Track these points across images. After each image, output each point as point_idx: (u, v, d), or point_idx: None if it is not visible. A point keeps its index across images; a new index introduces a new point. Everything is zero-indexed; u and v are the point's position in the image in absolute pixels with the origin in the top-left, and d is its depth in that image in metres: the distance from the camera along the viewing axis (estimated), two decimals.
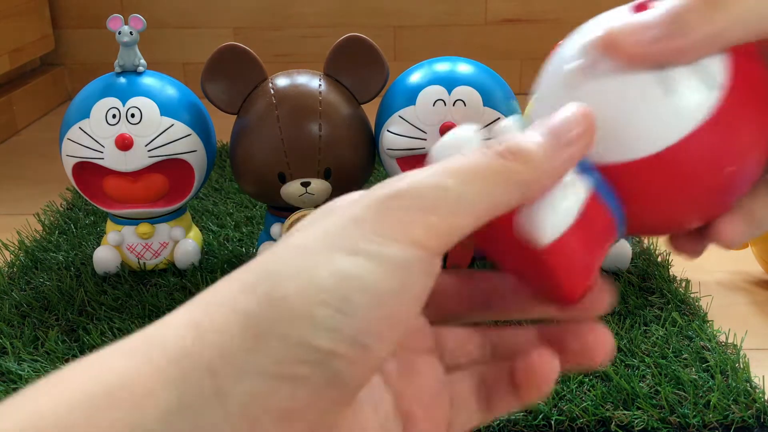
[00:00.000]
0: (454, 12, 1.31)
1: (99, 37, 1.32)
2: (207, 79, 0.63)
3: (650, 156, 0.22)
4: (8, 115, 1.15)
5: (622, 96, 0.23)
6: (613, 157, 0.23)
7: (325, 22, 1.32)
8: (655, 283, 0.64)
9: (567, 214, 0.22)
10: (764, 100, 0.23)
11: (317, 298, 0.19)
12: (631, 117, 0.23)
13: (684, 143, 0.22)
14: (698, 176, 0.23)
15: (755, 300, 0.65)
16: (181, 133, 0.63)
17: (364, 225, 0.20)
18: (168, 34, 1.32)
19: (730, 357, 0.53)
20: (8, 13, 1.14)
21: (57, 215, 0.81)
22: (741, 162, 0.23)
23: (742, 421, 0.47)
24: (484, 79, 0.62)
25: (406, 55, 1.32)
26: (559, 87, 0.24)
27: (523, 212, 0.22)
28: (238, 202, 0.84)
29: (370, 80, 0.63)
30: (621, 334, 0.56)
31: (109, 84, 0.64)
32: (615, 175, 0.23)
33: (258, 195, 0.65)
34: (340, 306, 0.19)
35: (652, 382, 0.50)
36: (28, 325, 0.60)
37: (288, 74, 0.63)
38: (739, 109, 0.23)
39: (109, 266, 0.67)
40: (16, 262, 0.71)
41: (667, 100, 0.22)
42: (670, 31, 0.22)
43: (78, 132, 0.63)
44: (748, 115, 0.23)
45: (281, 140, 0.60)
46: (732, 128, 0.23)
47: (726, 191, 0.24)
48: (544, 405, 0.48)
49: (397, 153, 0.63)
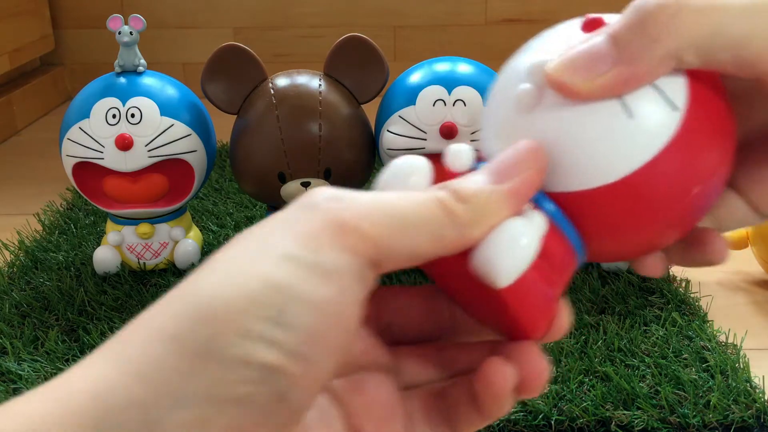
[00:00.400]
0: (454, 12, 1.31)
1: (99, 37, 1.32)
2: (207, 79, 0.63)
3: (611, 184, 0.22)
4: (8, 115, 1.14)
5: (578, 124, 0.22)
6: (572, 185, 0.22)
7: (325, 22, 1.32)
8: (655, 283, 0.64)
9: (525, 253, 0.21)
10: (724, 117, 0.23)
11: (251, 312, 0.18)
12: (589, 145, 0.22)
13: (646, 169, 0.21)
14: (662, 201, 0.22)
15: (755, 300, 0.65)
16: (181, 133, 0.63)
17: (296, 230, 0.19)
18: (168, 34, 1.32)
19: (730, 357, 0.53)
20: (8, 13, 1.14)
21: (57, 215, 0.81)
22: (705, 183, 0.22)
23: (742, 421, 0.47)
24: (485, 79, 0.62)
25: (406, 55, 1.32)
26: (511, 110, 0.23)
27: (477, 252, 0.21)
28: (238, 202, 0.84)
29: (370, 80, 0.63)
30: (621, 334, 0.56)
31: (109, 84, 0.64)
32: (574, 203, 0.22)
33: (258, 195, 0.65)
34: (276, 318, 0.18)
35: (652, 382, 0.50)
36: (28, 325, 0.60)
37: (288, 74, 0.63)
38: (701, 129, 0.22)
39: (109, 266, 0.67)
40: (16, 262, 0.71)
41: (626, 126, 0.21)
42: (618, 61, 0.21)
43: (78, 132, 0.63)
44: (709, 135, 0.22)
45: (281, 140, 0.60)
46: (695, 150, 0.22)
47: (691, 213, 0.23)
48: (544, 405, 0.48)
49: (397, 153, 0.63)
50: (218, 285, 0.18)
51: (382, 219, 0.20)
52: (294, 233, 0.19)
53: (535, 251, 0.21)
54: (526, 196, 0.22)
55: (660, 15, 0.21)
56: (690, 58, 0.21)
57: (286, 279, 0.18)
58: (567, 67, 0.22)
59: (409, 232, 0.20)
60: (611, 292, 0.62)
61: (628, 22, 0.21)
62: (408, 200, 0.20)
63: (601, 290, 0.62)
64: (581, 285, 0.63)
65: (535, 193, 0.22)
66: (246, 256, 0.19)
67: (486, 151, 0.24)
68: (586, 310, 0.60)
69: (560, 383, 0.50)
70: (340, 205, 0.20)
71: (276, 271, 0.18)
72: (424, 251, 0.20)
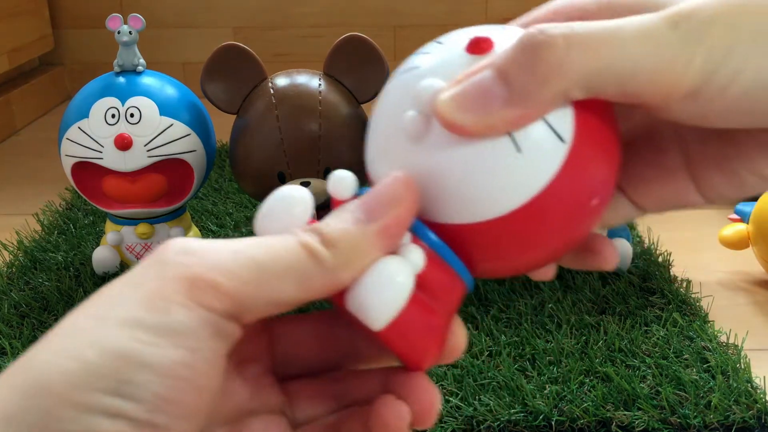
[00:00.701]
0: (454, 12, 1.31)
1: (98, 36, 1.32)
2: (206, 78, 0.62)
3: (499, 217, 0.22)
4: (7, 115, 1.14)
5: (466, 159, 0.21)
6: (459, 218, 0.22)
7: (325, 22, 1.31)
8: (656, 283, 0.64)
9: (399, 292, 0.21)
10: (611, 139, 0.23)
11: (89, 384, 0.17)
12: (477, 179, 0.21)
13: (535, 201, 0.21)
14: (552, 228, 0.22)
15: (756, 300, 0.64)
16: (181, 133, 0.63)
17: (143, 291, 0.18)
18: (168, 33, 1.32)
19: (731, 357, 0.53)
20: (7, 13, 1.14)
21: (56, 215, 0.81)
22: (595, 204, 0.22)
23: (742, 422, 0.47)
24: None
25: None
26: (397, 137, 0.23)
27: (350, 294, 0.21)
28: (237, 202, 0.84)
29: (370, 80, 0.63)
30: (622, 334, 0.56)
31: (108, 84, 0.64)
32: (461, 235, 0.22)
33: (258, 195, 0.65)
34: (117, 388, 0.17)
35: (653, 383, 0.50)
36: (27, 325, 0.60)
37: (288, 74, 0.63)
38: (588, 157, 0.22)
39: (109, 266, 0.67)
40: (15, 263, 0.71)
41: (515, 161, 0.21)
42: (509, 102, 0.21)
43: (77, 132, 0.63)
44: (596, 160, 0.22)
45: (281, 140, 0.60)
46: (582, 178, 0.22)
47: (582, 231, 0.23)
48: (545, 405, 0.48)
49: None
50: (54, 357, 0.17)
51: (239, 270, 0.19)
52: (140, 295, 0.18)
53: (410, 288, 0.21)
54: (397, 234, 0.21)
55: (549, 55, 0.20)
56: (578, 94, 0.21)
57: (129, 345, 0.17)
58: (457, 105, 0.21)
59: (270, 281, 0.19)
60: (612, 292, 0.62)
61: (516, 59, 0.21)
62: (269, 247, 0.20)
63: (602, 290, 0.62)
64: (581, 285, 0.63)
65: (407, 229, 0.22)
66: (87, 324, 0.18)
67: (371, 174, 0.24)
68: (587, 310, 0.60)
69: (561, 384, 0.50)
70: (191, 260, 0.19)
71: (118, 337, 0.17)
72: (290, 298, 0.20)
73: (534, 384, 0.50)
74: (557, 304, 0.60)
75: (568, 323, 0.57)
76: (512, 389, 0.49)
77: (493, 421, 0.47)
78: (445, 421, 0.47)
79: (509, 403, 0.48)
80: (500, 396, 0.48)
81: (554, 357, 0.53)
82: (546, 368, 0.51)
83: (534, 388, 0.49)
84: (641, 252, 0.69)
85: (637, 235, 0.74)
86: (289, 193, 0.22)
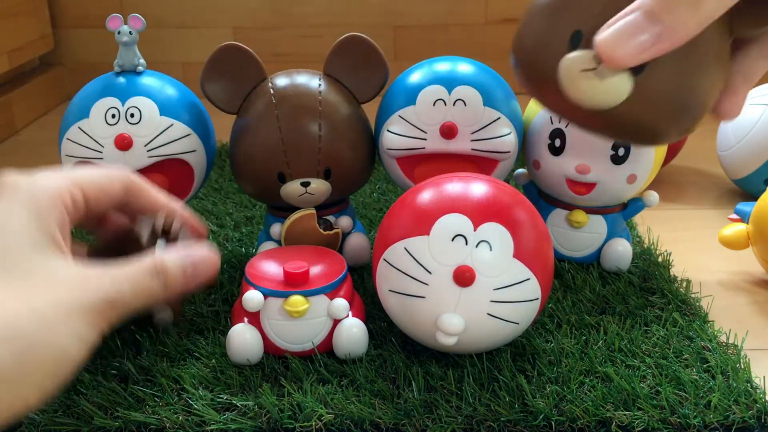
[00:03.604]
0: (454, 12, 1.31)
1: (98, 36, 1.32)
2: (206, 78, 0.62)
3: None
4: (7, 115, 1.14)
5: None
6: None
7: (325, 22, 1.31)
8: (655, 283, 0.64)
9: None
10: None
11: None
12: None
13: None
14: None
15: (756, 300, 0.64)
16: (181, 133, 0.63)
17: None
18: (168, 33, 1.32)
19: (731, 357, 0.53)
20: (7, 13, 1.14)
21: None
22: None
23: (742, 422, 0.47)
24: (485, 79, 0.62)
25: (406, 55, 1.32)
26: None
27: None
28: (237, 202, 0.84)
29: (370, 80, 0.63)
30: (621, 334, 0.56)
31: (108, 84, 0.64)
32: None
33: (257, 195, 0.65)
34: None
35: (653, 383, 0.50)
36: None
37: (288, 74, 0.63)
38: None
39: None
40: None
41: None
42: (660, 34, 0.25)
43: (77, 132, 0.63)
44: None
45: (281, 140, 0.60)
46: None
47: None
48: (545, 405, 0.48)
49: (397, 153, 0.63)
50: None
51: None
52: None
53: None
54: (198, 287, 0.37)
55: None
56: (719, 12, 0.26)
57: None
58: (614, 40, 0.27)
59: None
60: (612, 292, 0.62)
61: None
62: (123, 277, 0.36)
63: (602, 290, 0.62)
64: (581, 285, 0.63)
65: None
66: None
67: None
68: (587, 310, 0.60)
69: (561, 384, 0.50)
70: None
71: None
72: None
73: (534, 384, 0.50)
74: (557, 304, 0.60)
75: (568, 323, 0.57)
76: (512, 389, 0.49)
77: (493, 421, 0.47)
78: (445, 421, 0.47)
79: (509, 403, 0.48)
80: (500, 396, 0.48)
81: (554, 357, 0.53)
82: (546, 368, 0.51)
83: (534, 388, 0.49)
84: (641, 252, 0.69)
85: (637, 235, 0.74)
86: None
